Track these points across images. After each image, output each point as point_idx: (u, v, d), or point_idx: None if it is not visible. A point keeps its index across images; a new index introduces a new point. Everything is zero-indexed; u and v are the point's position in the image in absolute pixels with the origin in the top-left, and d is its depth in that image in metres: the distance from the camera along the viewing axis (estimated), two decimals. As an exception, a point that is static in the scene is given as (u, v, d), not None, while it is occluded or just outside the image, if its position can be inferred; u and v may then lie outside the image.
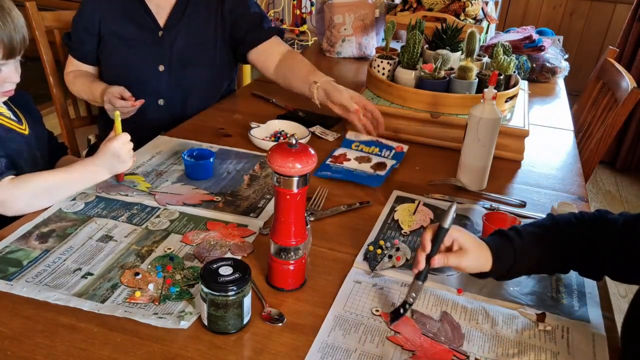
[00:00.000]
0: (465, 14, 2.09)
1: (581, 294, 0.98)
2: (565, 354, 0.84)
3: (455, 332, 0.87)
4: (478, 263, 0.87)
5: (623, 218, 0.88)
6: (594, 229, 0.89)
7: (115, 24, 1.59)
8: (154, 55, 1.61)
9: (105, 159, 1.15)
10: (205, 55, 1.66)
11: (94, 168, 1.15)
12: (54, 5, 2.48)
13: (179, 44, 1.61)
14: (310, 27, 3.53)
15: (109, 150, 1.14)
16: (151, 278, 0.95)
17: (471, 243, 0.87)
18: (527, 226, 0.92)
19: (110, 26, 1.60)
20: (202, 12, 1.63)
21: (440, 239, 0.86)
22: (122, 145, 1.15)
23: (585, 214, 0.93)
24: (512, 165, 1.45)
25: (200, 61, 1.65)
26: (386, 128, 1.53)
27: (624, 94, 1.68)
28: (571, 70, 2.20)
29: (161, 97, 1.64)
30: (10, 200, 1.07)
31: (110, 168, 1.16)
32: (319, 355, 0.81)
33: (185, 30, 1.61)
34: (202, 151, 1.32)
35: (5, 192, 1.06)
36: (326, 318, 0.88)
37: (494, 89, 1.20)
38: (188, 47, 1.63)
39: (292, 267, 0.93)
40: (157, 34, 1.60)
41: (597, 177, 3.38)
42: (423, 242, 0.87)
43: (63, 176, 1.14)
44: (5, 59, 1.08)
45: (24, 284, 0.92)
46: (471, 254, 0.87)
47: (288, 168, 0.84)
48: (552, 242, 0.90)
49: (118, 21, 1.59)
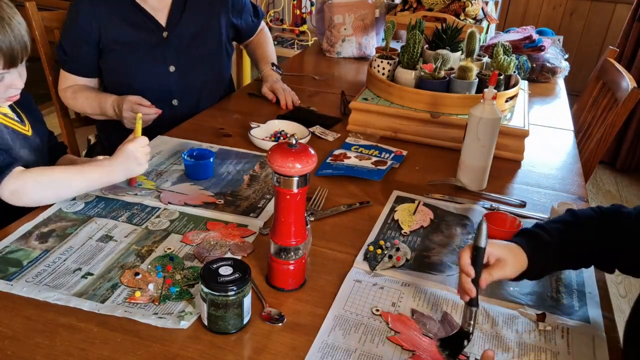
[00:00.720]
0: (465, 14, 2.09)
1: (581, 293, 0.98)
2: (565, 354, 0.84)
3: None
4: (516, 267, 0.87)
5: (636, 211, 0.89)
6: (612, 224, 0.89)
7: (117, 31, 1.56)
8: (162, 56, 1.60)
9: (122, 161, 1.14)
10: (212, 49, 1.69)
11: (111, 169, 1.14)
12: (54, 5, 2.47)
13: (185, 42, 1.62)
14: (310, 27, 3.53)
15: (127, 152, 1.13)
16: (151, 278, 0.95)
17: (505, 251, 0.86)
18: (550, 223, 0.93)
19: (112, 34, 1.56)
20: (204, 7, 1.64)
21: (480, 259, 0.82)
22: (140, 148, 1.14)
23: (602, 207, 0.93)
24: (512, 165, 1.45)
25: (208, 56, 1.68)
26: (386, 128, 1.54)
27: (624, 94, 1.68)
28: (571, 70, 2.20)
29: (174, 98, 1.65)
30: (21, 191, 1.07)
31: (126, 170, 1.15)
32: (319, 355, 0.81)
33: (189, 27, 1.62)
34: (202, 151, 1.32)
35: (17, 182, 1.06)
36: (326, 318, 0.88)
37: (494, 89, 1.20)
38: (195, 44, 1.63)
39: (292, 267, 0.93)
40: (161, 35, 1.60)
41: (597, 177, 3.38)
42: (464, 269, 0.82)
43: (78, 173, 1.13)
44: (7, 68, 1.08)
45: (24, 284, 0.92)
46: (510, 262, 0.86)
47: (288, 168, 0.84)
48: (578, 238, 0.90)
49: (119, 28, 1.56)
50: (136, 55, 1.58)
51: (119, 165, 1.14)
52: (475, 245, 0.82)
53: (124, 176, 1.16)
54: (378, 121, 1.54)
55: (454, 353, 0.80)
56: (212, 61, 1.71)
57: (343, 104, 1.73)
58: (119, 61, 1.59)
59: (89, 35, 1.55)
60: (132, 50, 1.58)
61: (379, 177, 1.29)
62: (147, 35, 1.59)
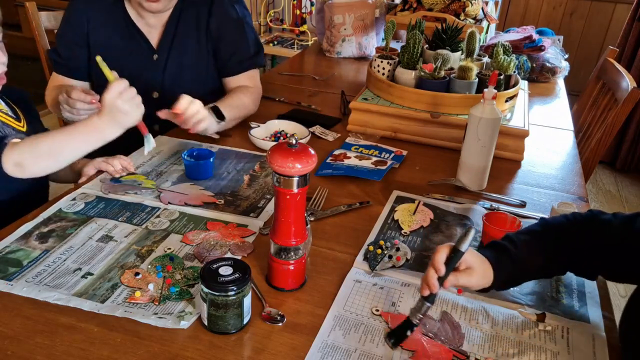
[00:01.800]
0: (465, 14, 2.09)
1: (581, 293, 0.98)
2: (565, 354, 0.84)
3: (456, 332, 0.87)
4: (483, 280, 0.87)
5: (618, 219, 0.88)
6: (587, 230, 0.89)
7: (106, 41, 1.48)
8: (147, 81, 1.50)
9: (105, 115, 1.06)
10: (197, 75, 1.56)
11: (97, 127, 1.06)
12: (54, 5, 2.48)
13: (171, 68, 1.53)
14: (310, 27, 3.53)
15: (106, 105, 1.05)
16: (151, 278, 0.95)
17: (476, 260, 0.86)
18: (519, 234, 0.92)
19: (101, 41, 1.48)
20: (192, 30, 1.53)
21: (454, 262, 0.83)
22: (118, 95, 1.05)
23: (577, 214, 0.93)
24: (512, 165, 1.45)
25: (193, 83, 1.55)
26: (386, 128, 1.54)
27: (624, 94, 1.68)
28: (571, 70, 2.20)
29: (156, 123, 1.50)
30: (22, 163, 1.06)
31: (115, 124, 1.07)
32: (319, 355, 0.81)
33: (178, 51, 1.53)
34: (202, 151, 1.32)
35: (15, 154, 1.05)
36: (326, 318, 0.88)
37: (494, 89, 1.20)
38: (181, 70, 1.54)
39: (292, 267, 0.93)
40: (151, 58, 1.52)
41: (597, 177, 3.38)
42: (436, 265, 0.83)
43: (68, 136, 1.08)
44: None
45: (24, 284, 0.92)
46: (478, 271, 0.86)
47: (288, 168, 0.84)
48: (546, 247, 0.89)
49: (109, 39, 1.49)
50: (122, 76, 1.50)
51: (106, 122, 1.06)
52: (455, 247, 0.83)
53: (116, 131, 1.08)
54: (378, 121, 1.54)
55: (397, 341, 0.83)
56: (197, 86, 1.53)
57: (343, 104, 1.73)
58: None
59: (81, 37, 1.49)
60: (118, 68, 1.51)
61: (379, 177, 1.29)
62: (137, 57, 1.50)
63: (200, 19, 1.53)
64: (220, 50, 1.56)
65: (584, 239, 0.88)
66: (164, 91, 1.54)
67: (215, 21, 1.53)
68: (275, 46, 3.52)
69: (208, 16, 1.53)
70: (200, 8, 1.52)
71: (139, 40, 1.51)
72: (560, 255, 0.90)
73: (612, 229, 0.87)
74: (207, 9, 1.52)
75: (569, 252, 0.89)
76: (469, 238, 0.82)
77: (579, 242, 0.88)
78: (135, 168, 1.30)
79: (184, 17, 1.52)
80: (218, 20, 1.53)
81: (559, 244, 0.89)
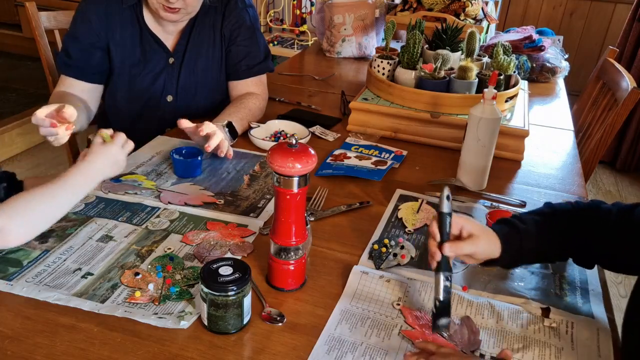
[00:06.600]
0: (465, 14, 2.09)
1: (584, 291, 0.98)
2: (569, 349, 0.85)
3: (472, 337, 0.86)
4: (489, 248, 0.88)
5: (617, 208, 0.89)
6: (588, 218, 0.90)
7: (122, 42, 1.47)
8: (162, 85, 1.52)
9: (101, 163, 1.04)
10: (211, 79, 1.57)
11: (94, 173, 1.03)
12: (54, 5, 2.48)
13: (186, 72, 1.53)
14: (310, 27, 3.53)
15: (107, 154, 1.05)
16: (151, 278, 0.95)
17: (479, 229, 0.88)
18: (526, 214, 0.94)
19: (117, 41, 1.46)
20: (207, 33, 1.53)
21: (444, 225, 0.85)
22: (120, 150, 1.07)
23: (580, 202, 0.94)
24: (512, 165, 1.45)
25: (206, 86, 1.57)
26: (386, 128, 1.54)
27: (624, 94, 1.68)
28: (571, 70, 2.20)
29: (168, 127, 1.54)
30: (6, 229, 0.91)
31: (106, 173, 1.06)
32: (325, 347, 0.82)
33: (193, 54, 1.53)
34: (191, 149, 1.32)
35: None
36: (333, 312, 0.89)
37: (494, 89, 1.20)
38: (195, 74, 1.54)
39: (292, 267, 0.93)
40: (167, 61, 1.52)
41: (597, 177, 3.38)
42: (431, 232, 0.86)
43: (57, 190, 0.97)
44: None
45: (24, 284, 0.92)
46: (482, 239, 0.87)
47: (288, 168, 0.84)
48: (551, 229, 0.91)
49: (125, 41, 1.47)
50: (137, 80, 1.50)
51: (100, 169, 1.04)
52: (438, 211, 0.86)
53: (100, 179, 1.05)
54: (378, 121, 1.54)
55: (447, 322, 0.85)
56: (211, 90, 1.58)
57: (343, 104, 1.73)
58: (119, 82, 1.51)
59: (97, 38, 1.45)
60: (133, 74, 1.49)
61: (379, 177, 1.29)
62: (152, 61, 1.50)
63: (214, 22, 1.54)
64: (231, 53, 1.56)
65: (584, 226, 0.90)
66: (178, 95, 1.55)
67: (229, 24, 1.54)
68: (275, 46, 3.52)
69: (222, 19, 1.54)
70: (215, 11, 1.53)
71: (154, 44, 1.50)
72: (564, 239, 0.91)
73: (610, 219, 0.88)
74: (221, 11, 1.53)
75: (571, 237, 0.90)
76: (444, 198, 0.85)
77: (579, 229, 0.90)
78: (135, 168, 1.30)
79: (199, 20, 1.52)
80: (231, 23, 1.54)
81: (563, 228, 0.91)
